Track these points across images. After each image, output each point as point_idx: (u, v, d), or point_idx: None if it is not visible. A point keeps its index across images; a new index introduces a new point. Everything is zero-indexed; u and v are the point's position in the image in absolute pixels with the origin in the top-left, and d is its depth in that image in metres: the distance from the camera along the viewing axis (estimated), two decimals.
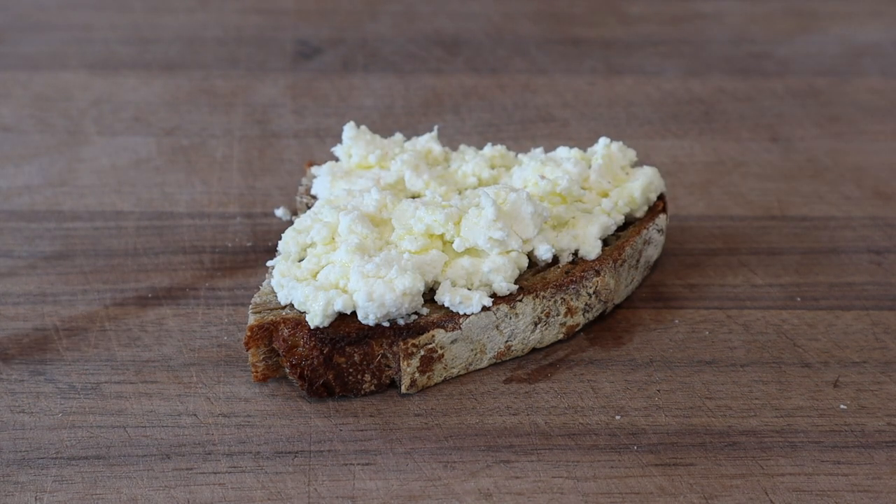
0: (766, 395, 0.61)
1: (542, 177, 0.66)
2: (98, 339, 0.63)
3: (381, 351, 0.59)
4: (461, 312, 0.60)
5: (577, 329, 0.64)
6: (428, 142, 0.71)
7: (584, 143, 0.78)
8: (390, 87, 0.90)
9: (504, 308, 0.61)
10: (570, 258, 0.64)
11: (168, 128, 0.84)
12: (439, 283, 0.61)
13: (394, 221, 0.63)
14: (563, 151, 0.71)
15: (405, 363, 0.59)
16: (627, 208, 0.67)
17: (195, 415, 0.59)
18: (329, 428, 0.58)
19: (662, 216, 0.68)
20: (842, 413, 0.60)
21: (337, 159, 0.72)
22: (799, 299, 0.68)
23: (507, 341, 0.62)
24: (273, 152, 0.81)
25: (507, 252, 0.62)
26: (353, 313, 0.59)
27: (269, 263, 0.64)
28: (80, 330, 0.64)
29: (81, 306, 0.66)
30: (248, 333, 0.59)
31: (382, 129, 0.82)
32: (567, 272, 0.63)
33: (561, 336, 0.64)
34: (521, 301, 0.61)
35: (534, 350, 0.63)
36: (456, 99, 0.88)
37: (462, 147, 0.72)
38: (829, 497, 0.55)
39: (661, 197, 0.69)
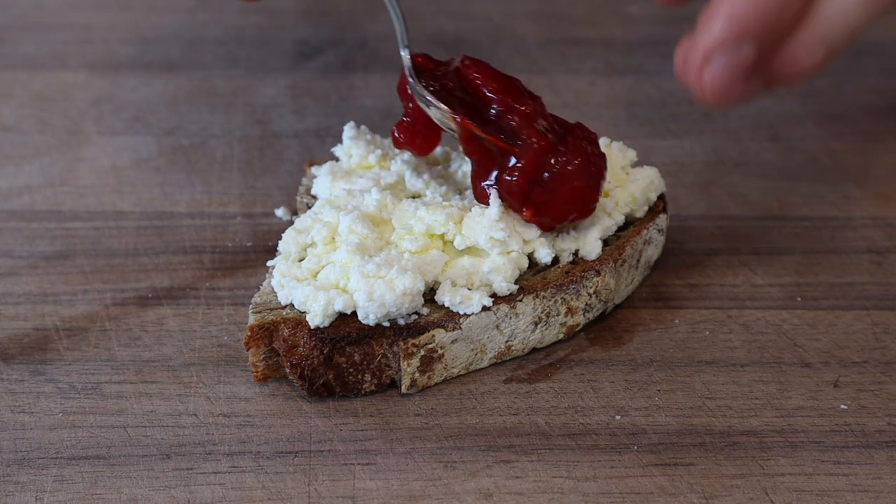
0: (766, 395, 0.61)
1: None
2: (98, 339, 0.63)
3: (382, 351, 0.59)
4: (461, 312, 0.60)
5: (577, 329, 0.64)
6: None
7: None
8: (390, 87, 0.90)
9: (504, 308, 0.61)
10: (571, 258, 0.64)
11: (168, 128, 0.84)
12: (439, 283, 0.61)
13: (394, 221, 0.63)
14: None
15: (405, 363, 0.59)
16: (627, 208, 0.67)
17: (195, 415, 0.59)
18: (329, 428, 0.58)
19: (662, 216, 0.68)
20: (842, 413, 0.60)
21: (337, 159, 0.72)
22: (799, 299, 0.68)
23: (507, 341, 0.62)
24: (273, 152, 0.81)
25: (508, 252, 0.62)
26: (354, 313, 0.59)
27: (269, 263, 0.64)
28: (80, 330, 0.64)
29: (81, 306, 0.66)
30: (249, 333, 0.59)
31: (382, 129, 0.82)
32: (567, 272, 0.63)
33: (561, 336, 0.64)
34: (521, 301, 0.61)
35: (534, 350, 0.63)
36: None
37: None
38: (830, 497, 0.55)
39: (661, 197, 0.69)
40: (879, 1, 0.50)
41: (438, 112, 0.63)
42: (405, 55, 0.65)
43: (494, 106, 0.63)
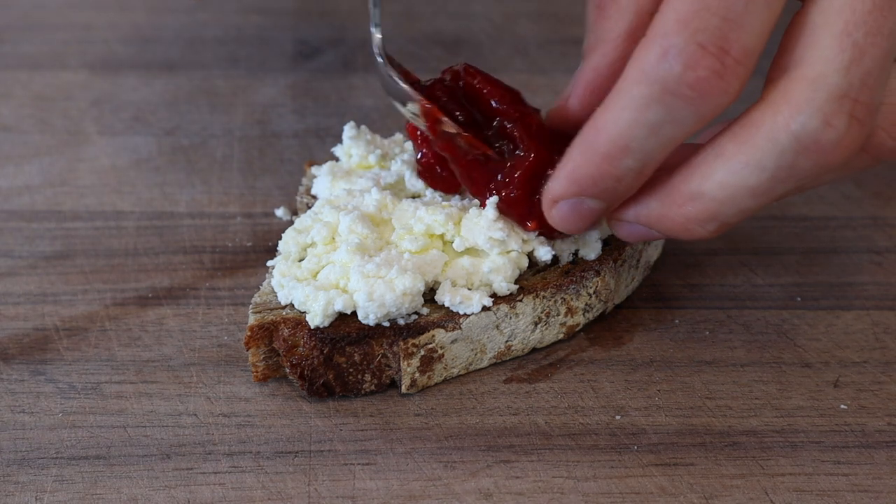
0: (766, 394, 0.61)
1: None
2: (98, 339, 0.63)
3: (382, 351, 0.59)
4: (461, 312, 0.60)
5: (577, 329, 0.64)
6: None
7: None
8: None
9: (504, 308, 0.61)
10: (571, 258, 0.64)
11: (168, 128, 0.84)
12: (439, 283, 0.61)
13: (394, 221, 0.63)
14: None
15: (405, 363, 0.59)
16: None
17: (195, 415, 0.59)
18: (329, 428, 0.58)
19: None
20: (842, 413, 0.60)
21: (337, 159, 0.72)
22: (799, 299, 0.68)
23: (507, 341, 0.62)
24: (273, 152, 0.81)
25: (508, 252, 0.62)
26: (354, 313, 0.59)
27: (269, 263, 0.64)
28: (80, 330, 0.64)
29: (81, 306, 0.66)
30: (249, 333, 0.59)
31: (382, 129, 0.82)
32: (567, 272, 0.63)
33: (561, 336, 0.64)
34: (521, 301, 0.61)
35: (534, 350, 0.63)
36: None
37: None
38: (830, 497, 0.55)
39: None
40: (770, 194, 0.52)
41: (406, 98, 0.62)
42: (375, 33, 0.64)
43: (498, 118, 0.62)
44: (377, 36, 0.63)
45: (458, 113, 0.62)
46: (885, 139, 0.53)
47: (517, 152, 0.60)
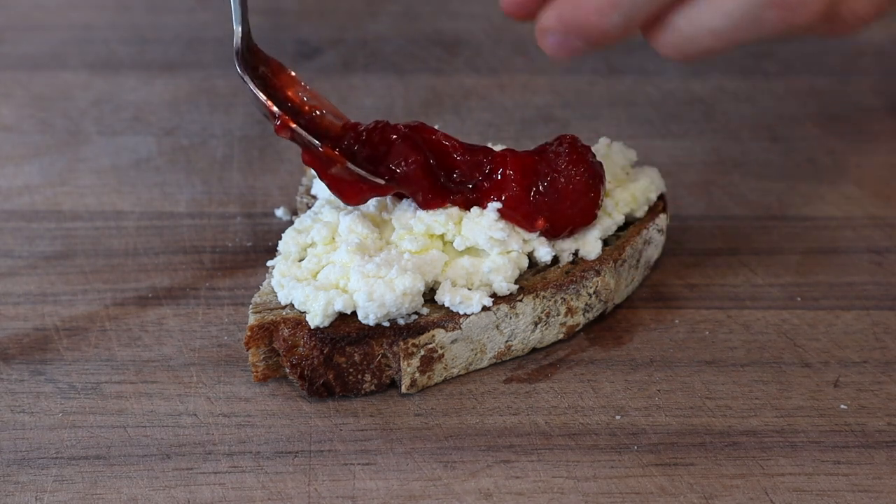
0: (766, 395, 0.61)
1: None
2: (98, 339, 0.63)
3: (382, 351, 0.59)
4: (461, 312, 0.60)
5: (577, 329, 0.64)
6: None
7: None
8: (390, 87, 0.90)
9: (504, 308, 0.61)
10: (571, 258, 0.64)
11: (168, 128, 0.84)
12: (439, 283, 0.61)
13: (394, 221, 0.63)
14: None
15: (405, 363, 0.59)
16: (628, 208, 0.67)
17: (195, 415, 0.59)
18: (329, 428, 0.58)
19: (663, 216, 0.68)
20: (842, 413, 0.60)
21: None
22: (799, 299, 0.68)
23: (507, 341, 0.62)
24: (273, 152, 0.81)
25: (508, 252, 0.62)
26: (354, 313, 0.59)
27: (269, 263, 0.64)
28: (80, 330, 0.64)
29: (81, 306, 0.66)
30: (249, 333, 0.59)
31: None
32: (567, 272, 0.63)
33: (561, 336, 0.64)
34: (521, 301, 0.61)
35: (534, 350, 0.63)
36: (456, 99, 0.88)
37: None
38: (830, 497, 0.55)
39: (661, 197, 0.69)
40: (732, 39, 0.55)
41: (256, 101, 0.62)
42: (238, 30, 0.62)
43: (457, 171, 0.63)
44: (239, 32, 0.63)
45: (356, 150, 0.62)
46: (845, 11, 0.56)
47: (487, 166, 0.62)
